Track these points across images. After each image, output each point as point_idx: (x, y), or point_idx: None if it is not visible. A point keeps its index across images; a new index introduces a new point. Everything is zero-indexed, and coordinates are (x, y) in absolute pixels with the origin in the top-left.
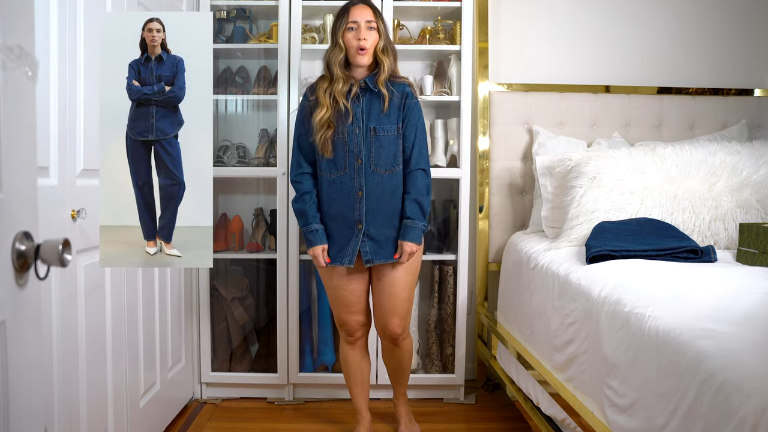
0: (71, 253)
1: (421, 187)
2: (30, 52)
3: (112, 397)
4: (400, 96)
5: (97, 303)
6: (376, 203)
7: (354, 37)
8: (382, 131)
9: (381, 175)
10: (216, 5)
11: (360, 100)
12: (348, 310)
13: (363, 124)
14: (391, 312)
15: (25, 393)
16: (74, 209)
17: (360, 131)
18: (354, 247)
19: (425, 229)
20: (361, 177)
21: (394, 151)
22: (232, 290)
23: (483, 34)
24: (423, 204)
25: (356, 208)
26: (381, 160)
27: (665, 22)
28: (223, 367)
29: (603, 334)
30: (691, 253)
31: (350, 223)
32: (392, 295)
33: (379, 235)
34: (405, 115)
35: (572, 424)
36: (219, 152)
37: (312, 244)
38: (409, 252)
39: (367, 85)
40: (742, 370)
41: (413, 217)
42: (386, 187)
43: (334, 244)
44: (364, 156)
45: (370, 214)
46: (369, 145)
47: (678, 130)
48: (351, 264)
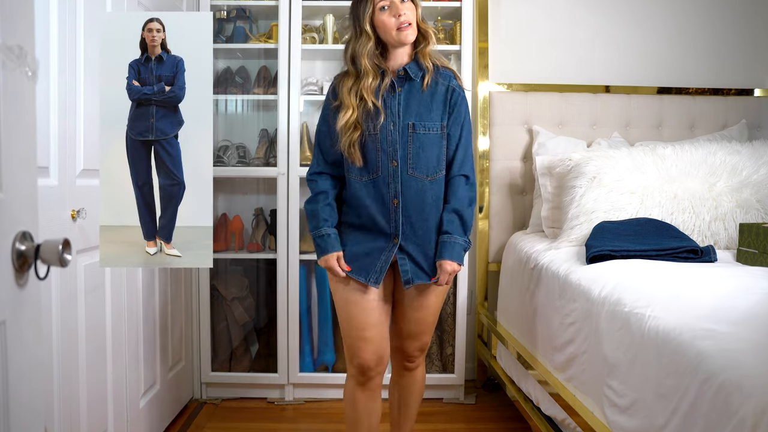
0: (71, 253)
1: (463, 197)
2: (30, 52)
3: (112, 396)
4: (446, 86)
5: (97, 303)
6: (416, 214)
7: (390, 16)
8: (422, 128)
9: (421, 180)
10: (216, 5)
11: (396, 92)
12: (364, 337)
13: (399, 119)
14: (414, 336)
15: (25, 393)
16: (74, 209)
17: (396, 127)
18: (384, 264)
19: (467, 245)
20: (396, 182)
21: (438, 152)
22: (232, 290)
23: (483, 34)
24: (465, 217)
25: (392, 219)
26: (421, 163)
27: (665, 22)
28: (223, 367)
29: (603, 334)
30: (691, 253)
31: (384, 236)
32: (419, 320)
33: (417, 252)
34: (451, 109)
35: (572, 424)
36: (219, 152)
37: (324, 251)
38: (450, 272)
39: (407, 73)
40: (742, 370)
41: (452, 231)
42: (427, 195)
43: (357, 257)
44: (400, 157)
45: (407, 227)
46: (406, 144)
47: (678, 130)
48: (377, 283)
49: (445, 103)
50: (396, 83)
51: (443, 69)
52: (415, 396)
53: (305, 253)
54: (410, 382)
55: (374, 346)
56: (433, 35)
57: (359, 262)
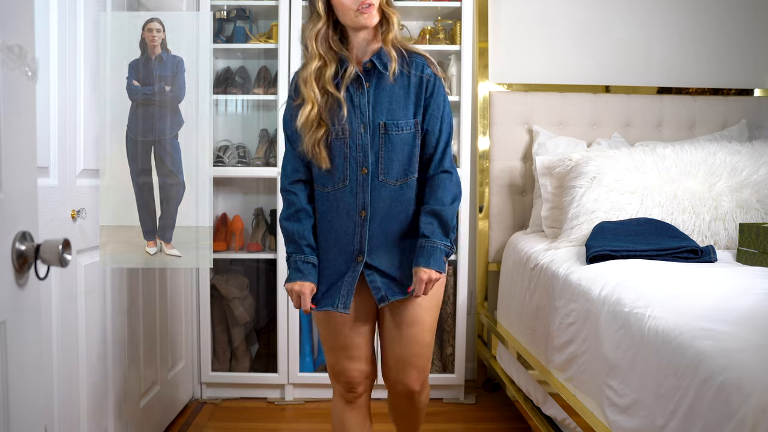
0: (71, 253)
1: (443, 197)
2: (30, 52)
3: (112, 396)
4: (420, 76)
5: (97, 303)
6: (384, 225)
7: None
8: (394, 128)
9: (390, 187)
10: (216, 5)
11: (364, 88)
12: (348, 355)
13: (370, 120)
14: (407, 363)
15: (25, 392)
16: (74, 209)
17: (366, 130)
18: (350, 287)
19: (449, 250)
20: (365, 192)
21: (409, 153)
22: (232, 290)
23: (483, 34)
24: (445, 217)
25: (356, 234)
26: (393, 167)
27: (665, 22)
28: (223, 367)
29: (603, 334)
30: (691, 253)
31: (347, 255)
32: (410, 339)
33: (388, 265)
34: (427, 102)
35: (572, 424)
36: (219, 152)
37: (302, 277)
38: (427, 280)
39: (374, 66)
40: (742, 370)
41: (430, 235)
42: (396, 202)
43: (326, 280)
44: (371, 163)
45: (374, 240)
46: (378, 147)
47: (678, 130)
48: (346, 308)
49: (419, 95)
50: (363, 78)
51: (414, 55)
52: (417, 420)
53: None
54: (412, 411)
55: (359, 364)
56: (396, 20)
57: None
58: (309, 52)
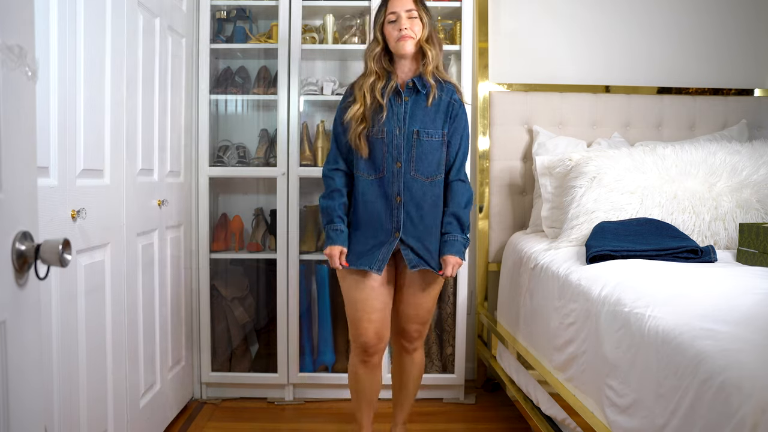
0: (71, 253)
1: (461, 201)
2: (30, 52)
3: (112, 396)
4: (448, 100)
5: (97, 303)
6: (416, 211)
7: (395, 29)
8: (425, 135)
9: (422, 182)
10: (216, 5)
11: (403, 100)
12: (369, 318)
13: (405, 125)
14: (413, 320)
15: (25, 392)
16: (74, 209)
17: (401, 133)
18: (386, 254)
19: (466, 242)
20: (399, 181)
21: (438, 157)
22: (232, 290)
23: (483, 34)
24: (462, 218)
25: (394, 215)
26: (423, 166)
27: (665, 22)
28: (223, 367)
29: (603, 334)
30: (691, 253)
31: (386, 230)
32: (418, 305)
33: (418, 245)
34: (452, 121)
35: (572, 424)
36: (219, 152)
37: (333, 242)
38: (454, 264)
39: (415, 85)
40: (742, 370)
41: (451, 231)
42: (427, 195)
43: (363, 248)
44: (404, 160)
45: (408, 223)
46: (410, 148)
47: (678, 130)
48: (380, 271)
49: (447, 114)
50: (403, 93)
51: (446, 83)
52: (414, 379)
53: (305, 253)
54: (409, 366)
55: (376, 328)
56: (432, 57)
57: (364, 253)
58: (367, 68)
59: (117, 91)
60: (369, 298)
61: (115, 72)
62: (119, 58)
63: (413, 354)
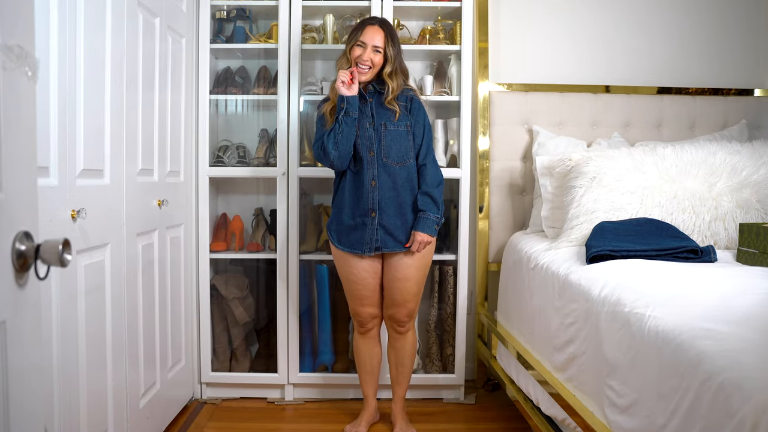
0: (71, 253)
1: (431, 180)
2: (30, 52)
3: (112, 397)
4: (405, 101)
5: (97, 303)
6: (388, 193)
7: (359, 55)
8: (392, 126)
9: (392, 167)
10: (216, 5)
11: (367, 102)
12: (361, 303)
13: (373, 119)
14: (400, 304)
15: (25, 393)
16: (74, 209)
17: (371, 126)
18: (371, 236)
19: (438, 221)
20: (373, 168)
21: (405, 144)
22: (232, 290)
23: (483, 34)
24: (434, 195)
25: (370, 198)
26: (392, 153)
27: (665, 22)
28: (223, 367)
29: (603, 335)
30: (691, 253)
31: (364, 211)
32: (403, 289)
33: (391, 224)
34: (413, 116)
35: (572, 424)
36: (219, 152)
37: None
38: (420, 241)
39: (375, 88)
40: (742, 370)
41: (425, 208)
42: (397, 178)
43: (352, 233)
44: (376, 148)
45: (383, 203)
46: (380, 138)
47: (678, 130)
48: (370, 252)
49: (407, 109)
50: (366, 96)
51: (406, 89)
52: (408, 357)
53: (305, 253)
54: (403, 345)
55: (368, 308)
56: (393, 88)
57: (354, 237)
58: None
59: (117, 91)
60: (360, 286)
61: (115, 72)
62: (119, 58)
63: (406, 335)
